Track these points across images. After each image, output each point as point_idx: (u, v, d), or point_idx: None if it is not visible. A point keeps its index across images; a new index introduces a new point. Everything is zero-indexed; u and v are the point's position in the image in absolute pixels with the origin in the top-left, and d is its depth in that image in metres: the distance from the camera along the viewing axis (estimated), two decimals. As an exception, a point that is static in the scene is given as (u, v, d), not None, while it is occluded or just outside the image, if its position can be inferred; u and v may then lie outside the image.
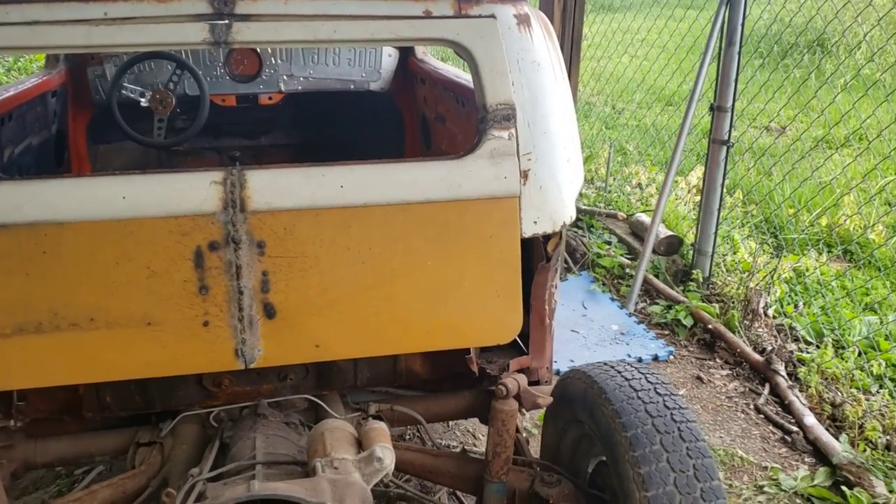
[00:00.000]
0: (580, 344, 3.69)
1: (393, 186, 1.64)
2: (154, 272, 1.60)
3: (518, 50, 1.73)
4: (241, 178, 1.59)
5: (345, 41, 1.67)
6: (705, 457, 1.60)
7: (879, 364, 3.25)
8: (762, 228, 4.62)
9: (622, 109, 7.40)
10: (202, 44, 1.61)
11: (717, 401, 3.23)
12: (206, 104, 2.87)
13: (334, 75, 3.42)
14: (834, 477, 2.73)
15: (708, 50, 3.77)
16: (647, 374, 1.81)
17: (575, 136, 1.94)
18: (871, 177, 4.82)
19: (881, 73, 6.04)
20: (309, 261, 1.63)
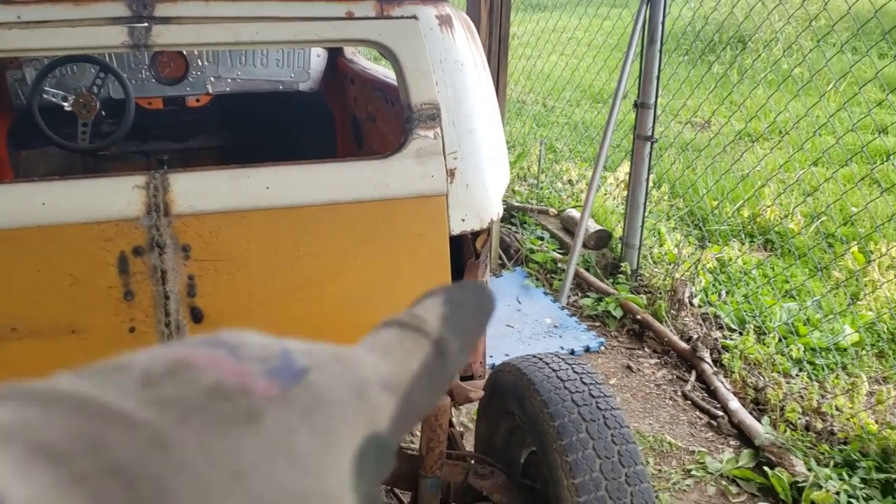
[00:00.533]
0: (515, 338, 3.75)
1: (320, 187, 1.65)
2: (77, 279, 1.58)
3: (441, 50, 1.76)
4: (165, 181, 1.58)
5: (267, 43, 1.67)
6: (629, 442, 1.66)
7: (798, 348, 3.39)
8: (687, 221, 4.76)
9: (552, 107, 7.52)
10: (121, 47, 1.60)
11: (647, 389, 3.33)
12: (132, 107, 2.82)
13: (262, 76, 3.40)
14: (757, 458, 2.84)
15: (630, 48, 3.87)
16: (573, 364, 1.86)
17: (500, 135, 1.98)
18: (788, 168, 5.01)
19: (794, 67, 6.28)
20: (236, 263, 1.63)
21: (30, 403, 0.25)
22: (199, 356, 0.28)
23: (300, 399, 0.28)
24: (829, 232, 4.44)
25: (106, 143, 2.95)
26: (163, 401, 0.26)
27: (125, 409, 0.25)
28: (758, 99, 5.59)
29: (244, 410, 0.26)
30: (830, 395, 3.10)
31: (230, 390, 0.27)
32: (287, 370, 0.28)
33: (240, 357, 0.28)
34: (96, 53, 2.83)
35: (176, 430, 0.25)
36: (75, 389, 0.26)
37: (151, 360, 0.28)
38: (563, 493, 1.64)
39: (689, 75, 5.85)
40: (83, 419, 0.25)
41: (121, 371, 0.27)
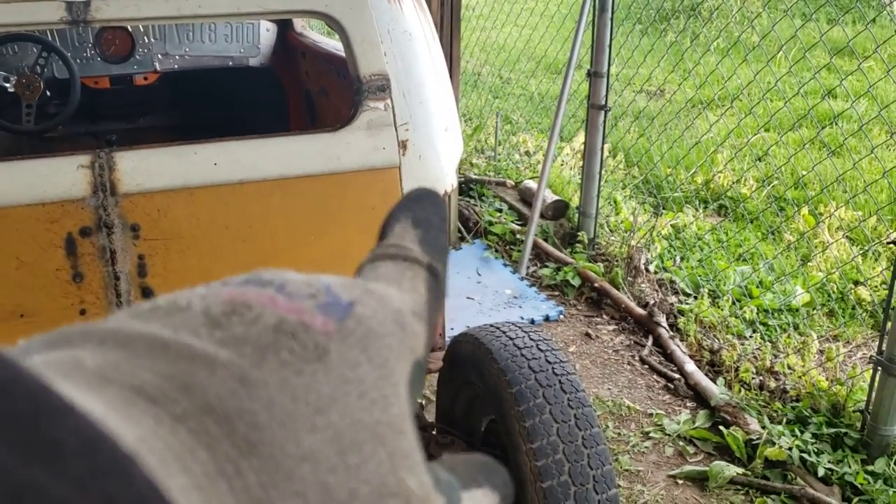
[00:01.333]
0: (476, 310, 3.77)
1: (269, 162, 1.64)
2: (24, 262, 1.55)
3: (388, 20, 1.75)
4: (110, 160, 1.55)
5: (211, 16, 1.64)
6: (585, 406, 1.69)
7: (751, 310, 3.47)
8: (642, 189, 4.81)
9: (508, 79, 7.51)
10: (60, 23, 1.56)
11: (605, 355, 3.38)
12: (77, 87, 2.76)
13: (211, 52, 3.34)
14: (713, 418, 2.91)
15: (582, 17, 3.87)
16: (529, 332, 1.88)
17: (452, 105, 1.98)
18: (739, 133, 5.08)
19: (741, 33, 6.35)
20: (186, 242, 1.61)
21: (109, 345, 0.26)
22: (252, 295, 0.29)
23: (355, 332, 0.29)
24: (780, 195, 4.52)
25: (52, 125, 2.88)
26: (235, 340, 0.27)
27: (207, 350, 0.26)
28: (709, 66, 5.65)
29: (311, 347, 0.27)
30: (783, 355, 3.18)
31: (293, 327, 0.28)
32: (336, 304, 0.29)
33: (289, 294, 0.29)
34: (37, 31, 2.75)
35: (256, 370, 0.26)
36: (150, 331, 0.26)
37: (207, 300, 0.28)
38: (522, 459, 1.66)
39: (641, 43, 5.88)
40: (168, 361, 0.25)
41: (181, 311, 0.28)
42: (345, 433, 0.26)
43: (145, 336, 0.26)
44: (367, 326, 0.29)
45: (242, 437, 0.24)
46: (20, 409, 0.20)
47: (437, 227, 0.39)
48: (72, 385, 0.23)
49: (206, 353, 0.26)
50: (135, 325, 0.27)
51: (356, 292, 0.31)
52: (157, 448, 0.23)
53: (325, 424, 0.26)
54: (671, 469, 2.70)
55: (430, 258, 0.36)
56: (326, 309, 0.29)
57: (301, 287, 0.30)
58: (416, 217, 0.38)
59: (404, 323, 0.31)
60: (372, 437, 0.27)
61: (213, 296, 0.28)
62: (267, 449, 0.25)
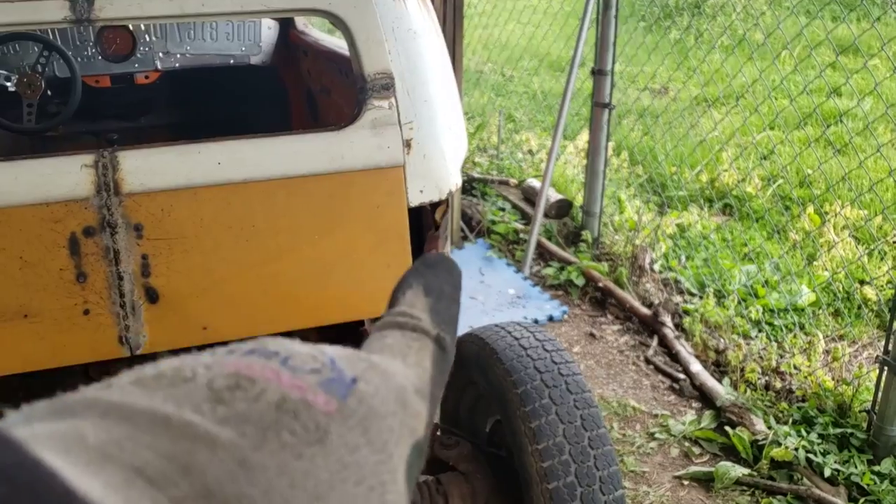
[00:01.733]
0: (479, 310, 3.76)
1: (273, 161, 1.62)
2: (27, 262, 1.54)
3: (393, 18, 1.73)
4: (114, 159, 1.54)
5: (214, 14, 1.63)
6: (591, 406, 1.68)
7: (757, 310, 3.45)
8: (646, 187, 4.80)
9: (511, 76, 7.49)
10: (64, 22, 1.55)
11: (610, 355, 3.37)
12: (78, 86, 2.75)
13: (213, 50, 3.33)
14: (719, 419, 2.90)
15: (586, 15, 3.86)
16: (535, 332, 1.87)
17: (456, 104, 1.96)
18: (744, 132, 5.06)
19: (746, 31, 6.33)
20: (190, 241, 1.60)
21: (112, 419, 0.25)
22: (257, 368, 0.28)
23: (356, 412, 0.29)
24: (786, 194, 4.50)
25: (53, 124, 2.87)
26: (237, 418, 0.26)
27: (208, 430, 0.26)
28: (713, 64, 5.63)
29: (312, 429, 0.27)
30: (788, 355, 3.16)
31: (295, 406, 0.27)
32: (339, 381, 0.29)
33: (293, 368, 0.29)
34: (38, 30, 2.74)
35: (256, 452, 0.26)
36: (153, 406, 0.26)
37: (212, 372, 0.28)
38: (528, 459, 1.65)
39: (646, 41, 5.86)
40: (170, 439, 0.25)
41: (185, 382, 0.28)
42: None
43: (148, 411, 0.26)
44: (369, 406, 0.29)
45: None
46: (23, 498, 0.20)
47: (449, 296, 0.39)
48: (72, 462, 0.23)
49: (208, 432, 0.26)
50: (138, 397, 0.27)
51: (360, 367, 0.31)
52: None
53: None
54: (677, 470, 2.68)
55: (439, 329, 0.36)
56: (329, 386, 0.29)
57: (305, 360, 0.30)
58: (428, 285, 0.38)
59: (406, 402, 0.31)
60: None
61: (217, 366, 0.28)
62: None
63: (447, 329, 0.36)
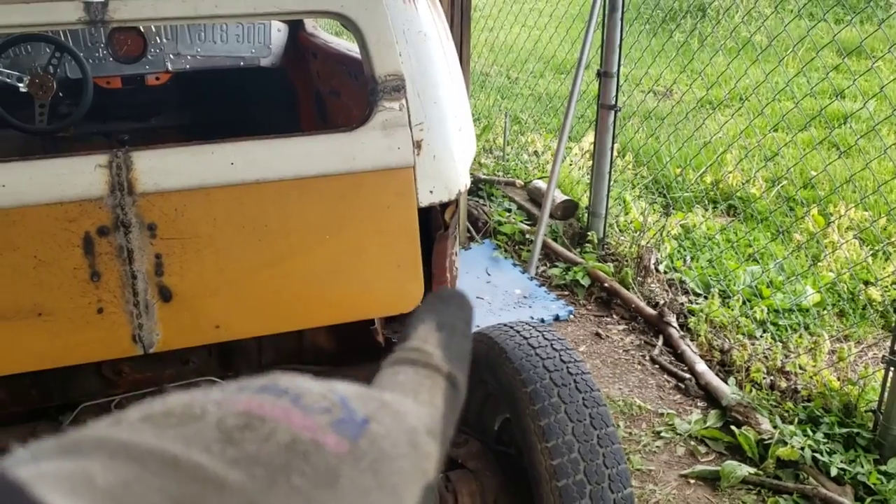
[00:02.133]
0: (485, 310, 3.77)
1: (285, 161, 1.64)
2: (42, 261, 1.56)
3: (403, 20, 1.75)
4: (128, 159, 1.56)
5: (228, 16, 1.65)
6: (600, 405, 1.69)
7: (762, 310, 3.46)
8: (651, 188, 4.81)
9: (516, 79, 7.51)
10: (78, 23, 1.57)
11: (616, 355, 3.38)
12: (90, 87, 2.77)
13: (223, 52, 3.35)
14: (724, 418, 2.91)
15: (592, 17, 3.87)
16: (543, 331, 1.88)
17: (465, 105, 1.98)
18: (749, 134, 5.07)
19: (752, 34, 6.34)
20: (203, 241, 1.62)
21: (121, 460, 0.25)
22: (268, 407, 0.28)
23: (367, 454, 0.28)
24: (790, 195, 4.51)
25: (65, 124, 2.90)
26: (247, 459, 0.26)
27: (217, 472, 0.25)
28: (718, 66, 5.64)
29: (322, 471, 0.27)
30: (794, 355, 3.17)
31: (306, 447, 0.27)
32: (351, 422, 0.29)
33: (304, 408, 0.29)
34: (51, 32, 2.76)
35: (266, 495, 0.25)
36: (162, 446, 0.26)
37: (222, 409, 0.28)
38: (537, 457, 1.66)
39: (651, 44, 5.88)
40: (179, 481, 0.25)
41: (195, 420, 0.27)
42: None
43: (157, 452, 0.26)
44: (380, 448, 0.29)
45: None
46: None
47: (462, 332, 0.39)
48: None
49: (217, 475, 0.25)
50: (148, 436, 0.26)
51: (372, 407, 0.30)
52: None
53: None
54: (683, 468, 2.69)
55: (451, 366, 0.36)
56: (340, 426, 0.28)
57: (317, 400, 0.29)
58: (441, 321, 0.38)
59: (418, 443, 0.31)
60: None
61: (228, 404, 0.28)
62: None
63: (459, 366, 0.36)
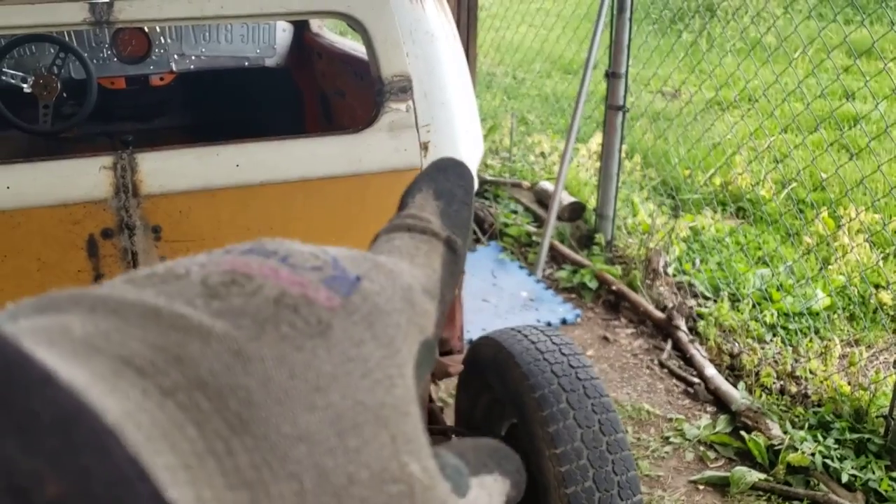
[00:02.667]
0: (491, 313, 3.75)
1: (291, 163, 1.62)
2: (45, 263, 1.55)
3: (411, 21, 1.73)
4: (132, 161, 1.54)
5: (233, 17, 1.63)
6: (609, 411, 1.67)
7: (772, 314, 3.43)
8: (660, 190, 4.78)
9: (523, 79, 7.49)
10: (83, 24, 1.55)
11: (624, 359, 3.35)
12: (94, 88, 2.75)
13: (227, 53, 3.34)
14: (734, 423, 2.88)
15: (600, 17, 3.85)
16: (551, 336, 1.86)
17: (473, 107, 1.96)
18: (758, 135, 5.04)
19: (762, 35, 6.30)
20: (207, 243, 1.60)
21: (100, 312, 0.24)
22: (255, 266, 0.27)
23: (360, 309, 0.28)
24: (800, 198, 4.48)
25: (69, 125, 2.88)
26: (233, 311, 0.25)
27: (202, 321, 0.25)
28: (727, 67, 5.61)
29: (313, 322, 0.26)
30: (804, 359, 3.14)
31: (295, 301, 0.26)
32: (342, 279, 0.28)
33: (293, 266, 0.28)
34: (55, 32, 2.75)
35: (253, 343, 0.25)
36: (143, 299, 0.25)
37: (206, 269, 0.27)
38: (546, 464, 1.64)
39: (659, 44, 5.85)
40: (160, 331, 0.24)
41: (178, 278, 0.26)
42: (345, 414, 0.25)
43: (138, 304, 0.25)
44: (374, 303, 0.28)
45: (235, 414, 0.23)
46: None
47: (461, 199, 0.37)
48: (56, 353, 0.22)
49: (201, 323, 0.24)
50: (128, 291, 0.25)
51: (364, 266, 0.30)
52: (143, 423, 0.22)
53: (325, 404, 0.25)
54: (692, 474, 2.67)
55: (450, 232, 0.35)
56: (332, 283, 0.28)
57: (306, 259, 0.28)
58: (439, 188, 0.37)
59: (413, 300, 0.30)
60: (374, 419, 0.26)
61: (213, 264, 0.27)
62: (261, 428, 0.23)
63: (458, 232, 0.35)
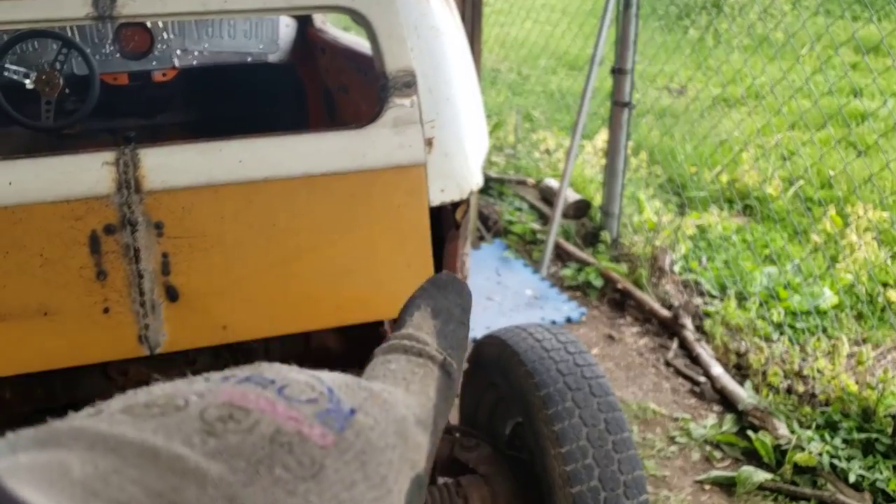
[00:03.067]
0: (496, 311, 3.74)
1: (294, 159, 1.61)
2: (48, 260, 1.53)
3: (416, 15, 1.71)
4: (135, 157, 1.53)
5: (237, 11, 1.62)
6: (615, 410, 1.65)
7: (779, 313, 3.41)
8: (666, 188, 4.75)
9: (528, 75, 7.46)
10: (86, 19, 1.54)
11: (629, 357, 3.33)
12: (97, 84, 2.74)
13: (230, 48, 3.32)
14: (740, 423, 2.86)
15: (606, 13, 3.82)
16: (557, 334, 1.84)
17: (478, 103, 1.94)
18: (765, 132, 5.01)
19: (769, 31, 6.27)
20: (210, 240, 1.58)
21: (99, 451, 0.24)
22: (252, 398, 0.27)
23: (354, 446, 0.28)
24: (808, 195, 4.45)
25: (71, 121, 2.87)
26: (229, 451, 0.25)
27: (198, 464, 0.24)
28: (734, 63, 5.58)
29: (306, 464, 0.26)
30: (811, 358, 3.12)
31: (289, 439, 0.26)
32: (337, 412, 0.28)
33: (289, 398, 0.28)
34: (58, 27, 2.74)
35: (248, 488, 0.25)
36: (142, 438, 0.25)
37: (205, 400, 0.27)
38: (551, 462, 1.63)
39: (666, 40, 5.82)
40: (158, 474, 0.24)
41: (177, 411, 0.26)
42: None
43: (136, 443, 0.24)
44: (367, 439, 0.28)
45: None
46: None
47: (458, 318, 0.38)
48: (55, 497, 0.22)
49: (198, 467, 0.24)
50: (127, 427, 0.25)
51: (359, 397, 0.30)
52: None
53: None
54: (698, 474, 2.65)
55: (446, 355, 0.35)
56: (326, 417, 0.28)
57: (302, 389, 0.28)
58: (437, 306, 0.37)
59: (406, 434, 0.30)
60: None
61: (211, 395, 0.27)
62: None
63: (454, 354, 0.35)
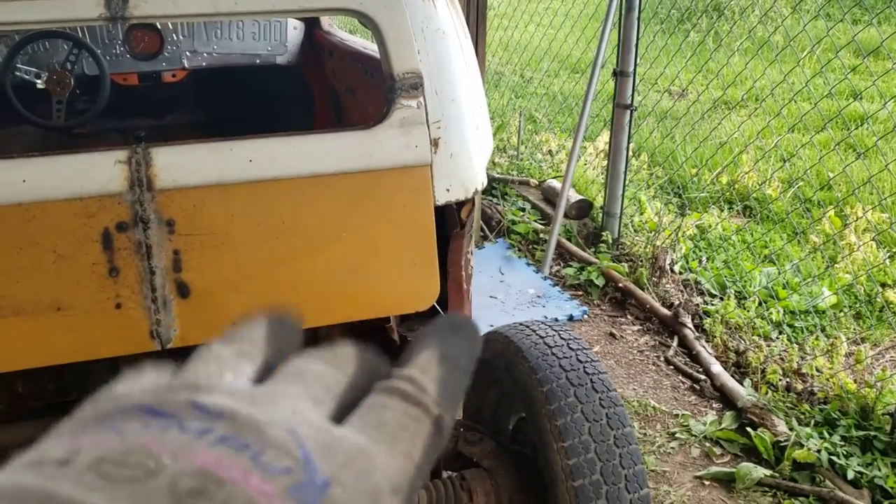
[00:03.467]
0: (499, 309, 3.77)
1: (303, 159, 1.64)
2: (61, 256, 1.57)
3: (422, 18, 1.75)
4: (147, 156, 1.56)
5: (247, 13, 1.65)
6: (617, 405, 1.68)
7: (778, 311, 3.44)
8: (667, 189, 4.79)
9: (531, 78, 7.49)
10: (98, 19, 1.57)
11: (630, 355, 3.37)
12: (107, 84, 2.78)
13: (239, 50, 3.36)
14: (740, 420, 2.89)
15: (608, 16, 3.86)
16: (560, 331, 1.87)
17: (483, 104, 1.98)
18: (765, 134, 5.04)
19: (770, 34, 6.30)
20: (220, 237, 1.62)
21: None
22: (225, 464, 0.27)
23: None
24: (807, 197, 4.48)
25: (82, 121, 2.91)
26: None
27: None
28: (734, 66, 5.61)
29: None
30: (810, 357, 3.15)
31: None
32: (310, 486, 0.28)
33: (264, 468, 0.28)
34: (70, 28, 2.78)
35: None
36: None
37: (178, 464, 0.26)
38: (553, 457, 1.66)
39: (667, 43, 5.85)
40: None
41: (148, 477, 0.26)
42: None
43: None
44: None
45: None
46: None
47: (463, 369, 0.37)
48: None
49: None
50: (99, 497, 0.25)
51: (336, 463, 0.29)
52: None
53: None
54: (697, 470, 2.68)
55: (441, 409, 0.35)
56: (300, 491, 0.27)
57: (279, 456, 0.28)
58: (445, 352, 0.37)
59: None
60: None
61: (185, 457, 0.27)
62: None
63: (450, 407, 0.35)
